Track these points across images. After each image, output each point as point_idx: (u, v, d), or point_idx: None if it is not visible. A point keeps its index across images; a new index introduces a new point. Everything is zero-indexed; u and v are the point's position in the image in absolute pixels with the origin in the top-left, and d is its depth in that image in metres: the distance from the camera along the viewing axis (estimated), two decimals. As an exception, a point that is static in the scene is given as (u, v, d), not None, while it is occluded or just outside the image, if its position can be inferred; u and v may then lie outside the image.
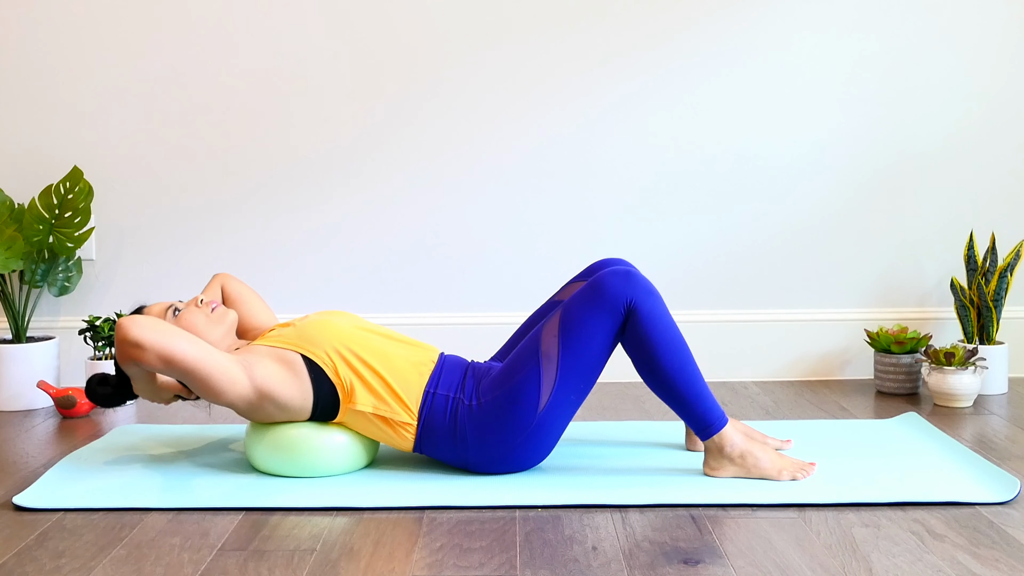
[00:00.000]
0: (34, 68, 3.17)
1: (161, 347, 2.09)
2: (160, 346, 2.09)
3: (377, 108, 3.19)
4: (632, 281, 2.15)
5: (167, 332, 2.11)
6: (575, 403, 2.19)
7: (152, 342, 2.09)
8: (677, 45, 3.18)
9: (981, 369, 2.85)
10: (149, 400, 2.31)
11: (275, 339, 2.24)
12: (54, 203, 3.03)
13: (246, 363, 2.17)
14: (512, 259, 3.24)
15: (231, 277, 2.54)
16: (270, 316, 2.52)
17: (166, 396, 2.30)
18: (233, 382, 2.14)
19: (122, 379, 2.34)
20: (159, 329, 2.11)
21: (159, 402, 2.31)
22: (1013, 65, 3.19)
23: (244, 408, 2.19)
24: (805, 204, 3.23)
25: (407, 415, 2.19)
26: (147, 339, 2.09)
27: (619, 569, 1.73)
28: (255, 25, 3.16)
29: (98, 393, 2.37)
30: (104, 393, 2.36)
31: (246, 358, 2.19)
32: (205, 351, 2.13)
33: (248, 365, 2.17)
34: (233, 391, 2.15)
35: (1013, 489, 2.06)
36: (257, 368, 2.17)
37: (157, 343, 2.09)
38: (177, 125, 3.19)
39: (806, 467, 2.18)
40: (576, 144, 3.21)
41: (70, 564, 1.78)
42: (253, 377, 2.16)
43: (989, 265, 3.02)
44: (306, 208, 3.22)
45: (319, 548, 1.84)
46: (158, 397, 2.29)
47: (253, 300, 2.52)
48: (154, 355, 2.09)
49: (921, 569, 1.71)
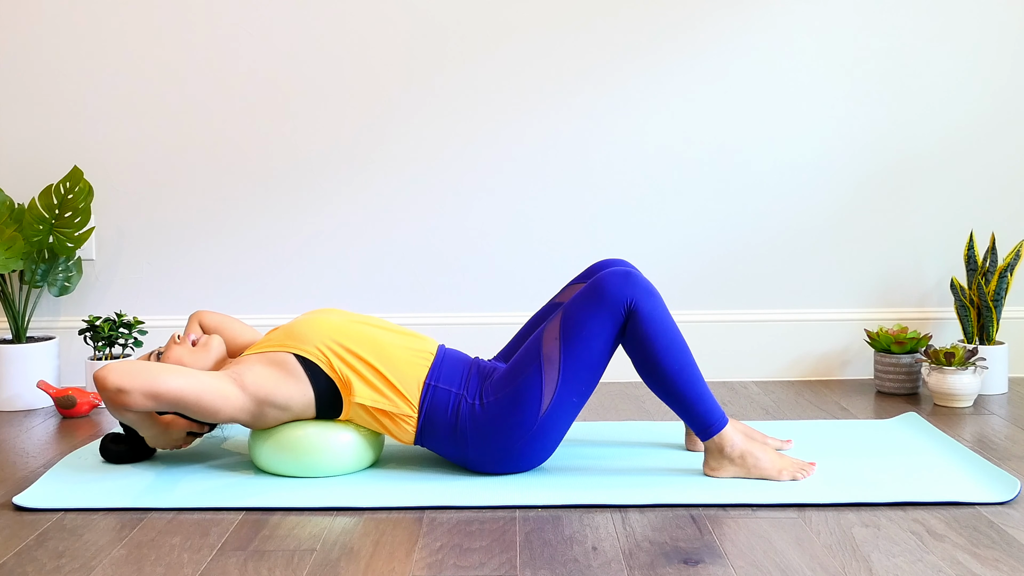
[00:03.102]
0: (34, 68, 3.17)
1: (142, 384, 2.09)
2: (141, 383, 2.09)
3: (377, 110, 3.19)
4: (632, 282, 2.15)
5: (144, 369, 2.12)
6: (577, 405, 2.19)
7: (132, 383, 2.09)
8: (677, 45, 3.18)
9: (981, 369, 2.85)
10: (164, 447, 2.30)
11: (263, 344, 2.25)
12: (54, 203, 3.03)
13: (235, 374, 2.18)
14: (512, 259, 3.24)
15: (205, 311, 2.54)
16: (253, 334, 2.51)
17: (177, 436, 2.30)
18: (226, 397, 2.15)
19: (134, 433, 2.33)
20: (135, 369, 2.11)
21: (176, 445, 2.31)
22: (1013, 65, 3.19)
23: (248, 419, 2.20)
24: (805, 204, 3.23)
25: (407, 407, 2.19)
26: (126, 382, 2.09)
27: (619, 569, 1.73)
28: (255, 27, 3.16)
29: (112, 451, 2.35)
30: (119, 451, 2.35)
31: (234, 369, 2.19)
32: (188, 376, 2.13)
33: (237, 376, 2.17)
34: (229, 406, 2.15)
35: (1013, 489, 2.06)
36: (247, 376, 2.17)
37: (137, 381, 2.09)
38: (177, 126, 3.19)
39: (806, 467, 2.18)
40: (576, 144, 3.21)
41: (70, 564, 1.78)
42: (245, 386, 2.16)
43: (989, 265, 3.02)
44: (306, 209, 3.22)
45: (319, 548, 1.84)
46: (170, 439, 2.29)
47: (232, 325, 2.51)
48: (139, 395, 2.09)
49: (921, 569, 1.71)
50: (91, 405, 2.87)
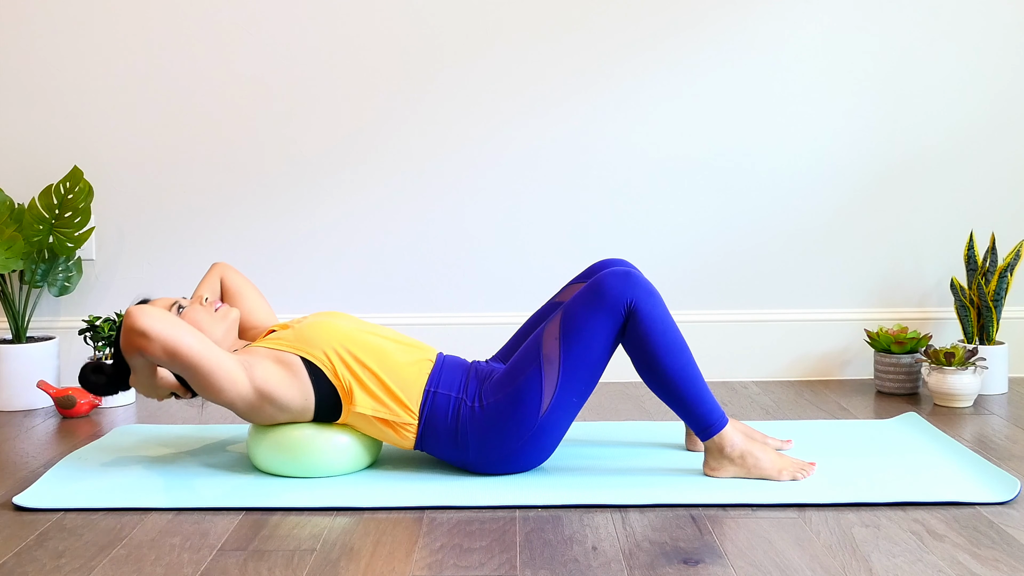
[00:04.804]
0: (34, 68, 3.17)
1: (167, 339, 2.08)
2: (166, 338, 2.08)
3: (375, 110, 3.19)
4: (632, 282, 2.15)
5: (175, 325, 2.10)
6: (577, 405, 2.19)
7: (159, 333, 2.08)
8: (675, 45, 3.18)
9: (981, 369, 2.85)
10: (144, 394, 2.27)
11: (274, 341, 2.24)
12: (54, 203, 3.03)
13: (246, 364, 2.17)
14: (509, 259, 3.24)
15: (229, 268, 2.52)
16: (268, 314, 2.51)
17: (162, 392, 2.27)
18: (234, 381, 2.14)
19: (119, 369, 2.32)
20: (167, 321, 2.10)
21: (153, 396, 2.27)
22: (1013, 65, 3.19)
23: (243, 408, 2.19)
24: (805, 204, 3.23)
25: (407, 415, 2.19)
26: (155, 330, 2.08)
27: (619, 569, 1.73)
28: (252, 28, 3.16)
29: (91, 381, 2.34)
30: (97, 382, 2.34)
31: (246, 359, 2.19)
32: (209, 348, 2.13)
33: (248, 366, 2.17)
34: (233, 390, 2.14)
35: (1013, 489, 2.06)
36: (257, 369, 2.17)
37: (164, 334, 2.08)
38: (177, 126, 3.19)
39: (806, 467, 2.18)
40: (574, 144, 3.20)
41: (70, 564, 1.78)
42: (253, 378, 2.16)
43: (989, 265, 3.02)
44: (304, 209, 3.22)
45: (319, 548, 1.84)
46: (154, 392, 2.26)
47: (252, 295, 2.50)
48: (159, 346, 2.08)
49: (921, 569, 1.71)
50: (91, 405, 2.87)
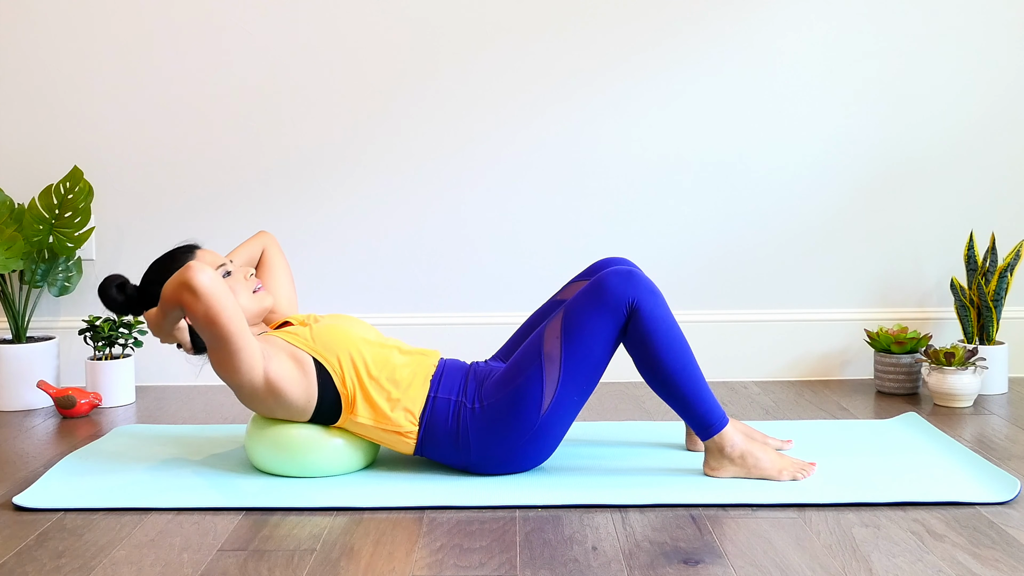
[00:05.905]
0: (34, 68, 3.17)
1: (213, 306, 2.05)
2: (213, 304, 2.05)
3: (374, 110, 3.19)
4: (634, 281, 2.15)
5: (226, 295, 2.07)
6: (578, 404, 2.19)
7: (210, 298, 2.04)
8: (674, 46, 3.18)
9: (981, 369, 2.85)
10: (152, 332, 2.22)
11: (292, 336, 2.23)
12: (54, 203, 3.03)
13: (266, 354, 2.16)
14: (507, 259, 3.24)
15: (274, 243, 2.49)
16: (292, 303, 2.49)
17: (172, 338, 2.23)
18: (252, 367, 2.13)
19: (142, 298, 2.27)
20: (221, 289, 2.06)
21: (159, 337, 2.23)
22: (1013, 66, 3.19)
23: (247, 393, 2.18)
24: (805, 204, 3.23)
25: (409, 424, 2.19)
26: (207, 293, 2.04)
27: (619, 569, 1.73)
28: (251, 29, 3.16)
29: (109, 295, 2.28)
30: (116, 298, 2.28)
31: (266, 348, 2.17)
32: (244, 329, 2.10)
33: (267, 356, 2.16)
34: (248, 375, 2.13)
35: (1013, 489, 2.06)
36: (273, 361, 2.16)
37: (213, 301, 2.05)
38: (176, 126, 3.19)
39: (806, 467, 2.18)
40: (574, 143, 3.20)
41: (70, 564, 1.78)
42: (268, 369, 2.15)
43: (989, 265, 3.02)
44: (303, 209, 3.22)
45: (319, 548, 1.84)
46: (165, 336, 2.22)
47: (284, 279, 2.48)
48: (203, 309, 2.05)
49: (921, 569, 1.71)
50: (91, 405, 2.87)
